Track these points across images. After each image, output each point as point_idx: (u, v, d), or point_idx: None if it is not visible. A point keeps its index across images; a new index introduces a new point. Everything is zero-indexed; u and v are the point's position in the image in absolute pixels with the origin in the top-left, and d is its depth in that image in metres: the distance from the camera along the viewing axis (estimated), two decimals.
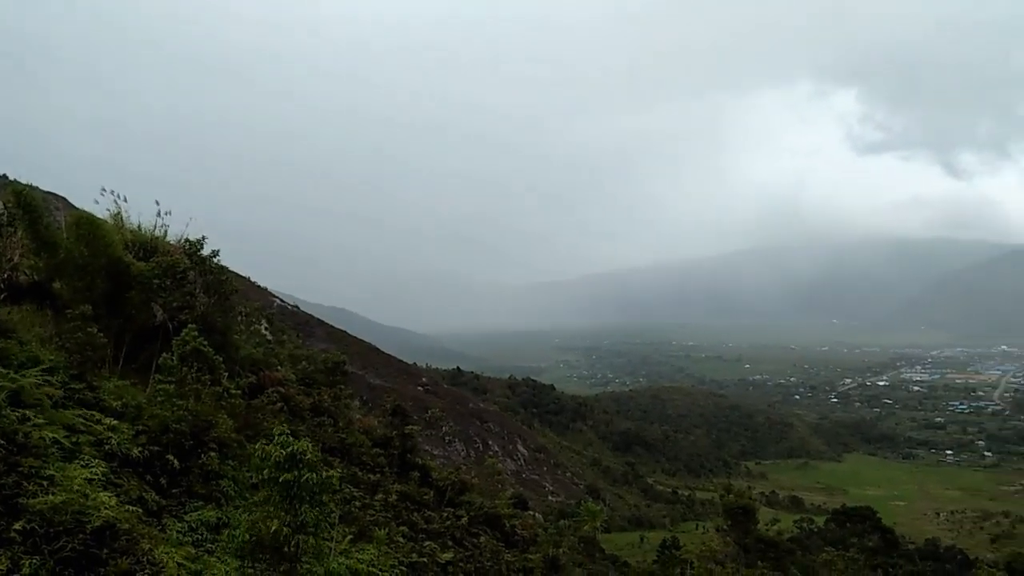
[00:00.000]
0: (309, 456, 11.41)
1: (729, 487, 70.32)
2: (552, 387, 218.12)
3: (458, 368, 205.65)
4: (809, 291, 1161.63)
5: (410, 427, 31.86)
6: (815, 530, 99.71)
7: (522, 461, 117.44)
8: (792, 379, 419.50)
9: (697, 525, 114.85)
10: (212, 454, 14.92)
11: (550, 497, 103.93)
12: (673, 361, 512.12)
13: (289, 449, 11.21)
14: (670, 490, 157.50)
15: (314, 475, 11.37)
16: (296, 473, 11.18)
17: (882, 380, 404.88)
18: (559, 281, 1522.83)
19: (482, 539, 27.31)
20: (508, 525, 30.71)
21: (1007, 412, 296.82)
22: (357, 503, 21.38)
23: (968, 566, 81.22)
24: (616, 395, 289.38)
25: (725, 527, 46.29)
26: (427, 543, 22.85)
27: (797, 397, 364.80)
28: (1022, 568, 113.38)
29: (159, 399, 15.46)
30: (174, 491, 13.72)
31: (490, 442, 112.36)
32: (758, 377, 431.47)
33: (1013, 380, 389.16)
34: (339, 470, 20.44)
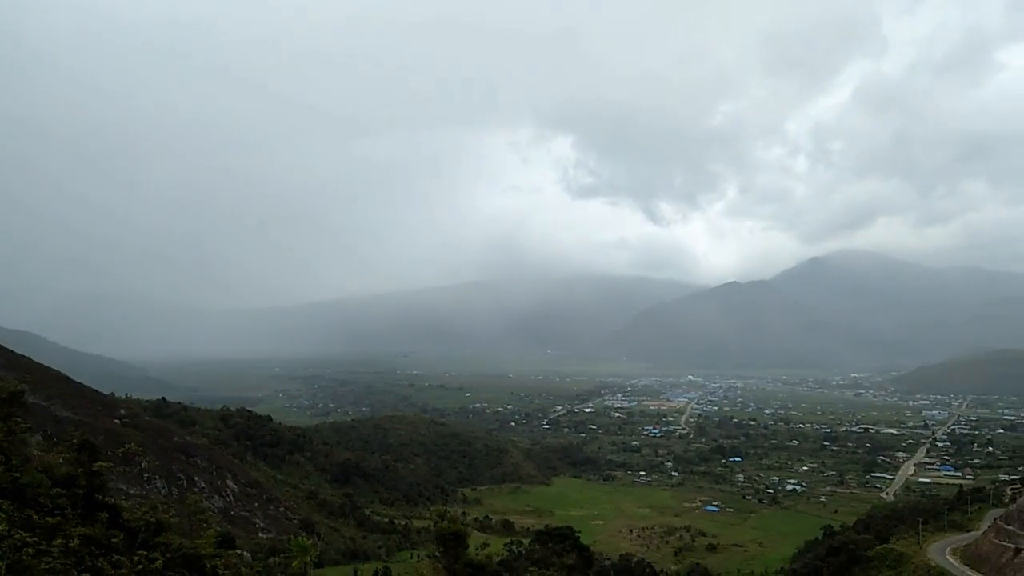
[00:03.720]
0: None
1: (443, 514, 72.16)
2: (269, 418, 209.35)
3: (163, 399, 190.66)
4: (527, 323, 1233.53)
5: (100, 463, 29.16)
6: (523, 552, 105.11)
7: (231, 497, 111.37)
8: (509, 407, 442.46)
9: (412, 554, 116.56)
10: None
11: (261, 534, 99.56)
12: (397, 390, 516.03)
13: None
14: (387, 520, 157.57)
15: None
16: None
17: (588, 407, 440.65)
18: (281, 308, 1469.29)
19: None
20: (209, 566, 29.09)
21: (691, 436, 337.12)
22: (31, 549, 19.23)
23: None
24: (338, 425, 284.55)
25: (437, 554, 47.22)
26: None
27: (513, 424, 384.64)
28: None
29: None
30: None
31: (196, 478, 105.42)
32: (478, 405, 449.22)
33: (696, 407, 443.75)
34: (7, 513, 18.33)
